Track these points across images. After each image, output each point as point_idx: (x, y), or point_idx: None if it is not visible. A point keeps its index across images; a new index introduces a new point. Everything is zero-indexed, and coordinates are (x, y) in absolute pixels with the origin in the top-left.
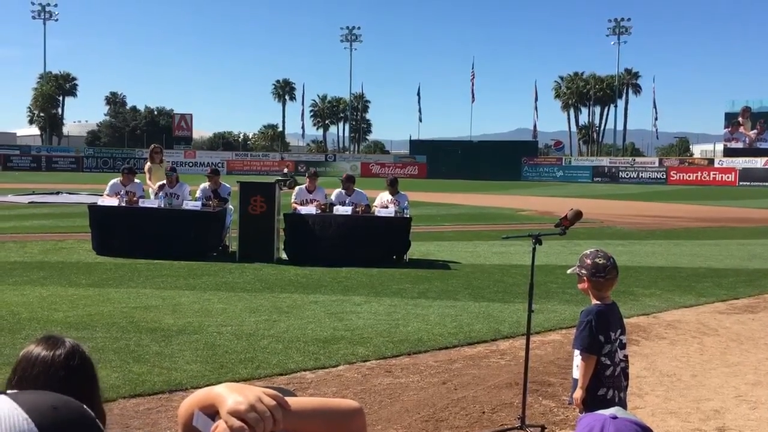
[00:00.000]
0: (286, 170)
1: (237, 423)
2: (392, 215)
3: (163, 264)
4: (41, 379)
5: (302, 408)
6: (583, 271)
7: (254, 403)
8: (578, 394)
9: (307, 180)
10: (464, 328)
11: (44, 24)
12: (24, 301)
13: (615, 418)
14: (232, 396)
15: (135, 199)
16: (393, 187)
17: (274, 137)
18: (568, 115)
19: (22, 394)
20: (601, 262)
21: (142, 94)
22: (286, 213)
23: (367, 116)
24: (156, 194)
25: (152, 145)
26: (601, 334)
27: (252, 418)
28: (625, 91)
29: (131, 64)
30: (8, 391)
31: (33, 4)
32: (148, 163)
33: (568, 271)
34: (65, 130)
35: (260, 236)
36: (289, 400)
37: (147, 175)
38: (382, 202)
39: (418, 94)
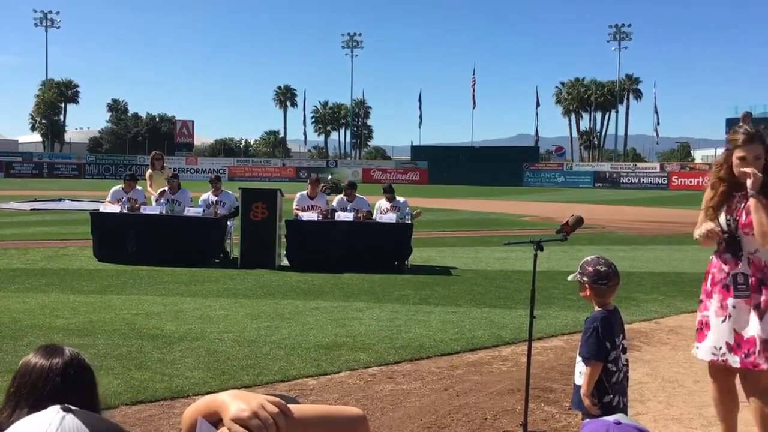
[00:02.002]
0: (330, 177)
1: (240, 430)
2: (393, 221)
3: (165, 271)
4: (38, 387)
5: (305, 415)
6: (585, 279)
7: (257, 410)
8: (588, 402)
9: (309, 186)
10: (466, 334)
11: (46, 31)
12: (26, 308)
13: (618, 423)
14: (235, 403)
15: (137, 205)
16: (388, 193)
17: (275, 143)
18: (569, 120)
19: (84, 414)
20: (602, 269)
21: (143, 101)
22: (287, 219)
23: (369, 122)
24: (157, 201)
25: (153, 152)
26: (607, 341)
27: (255, 425)
28: (626, 96)
29: (133, 71)
30: (73, 409)
31: (35, 11)
32: (149, 170)
33: (569, 278)
34: (67, 137)
35: (262, 242)
36: (292, 407)
37: (148, 182)
38: (381, 210)
39: (420, 99)
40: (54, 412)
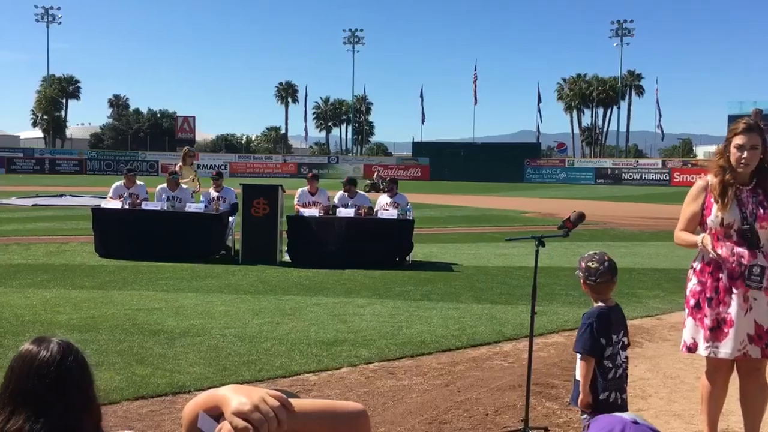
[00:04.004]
0: (375, 174)
1: (241, 423)
2: (394, 217)
3: (166, 266)
4: (34, 380)
5: (306, 409)
6: (580, 274)
7: (258, 404)
8: (582, 399)
9: (308, 183)
10: (467, 330)
11: (47, 27)
12: (27, 303)
13: (636, 423)
14: (236, 397)
15: (138, 201)
16: (391, 188)
17: (276, 139)
18: (571, 116)
19: None
20: (593, 265)
21: (145, 97)
22: (288, 215)
23: (370, 118)
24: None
25: (187, 148)
26: (602, 337)
27: (256, 419)
28: (627, 92)
29: (134, 67)
30: None
31: (36, 7)
32: (180, 163)
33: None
34: (68, 132)
35: (263, 238)
36: (293, 401)
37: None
38: (382, 206)
39: (421, 96)
40: None
